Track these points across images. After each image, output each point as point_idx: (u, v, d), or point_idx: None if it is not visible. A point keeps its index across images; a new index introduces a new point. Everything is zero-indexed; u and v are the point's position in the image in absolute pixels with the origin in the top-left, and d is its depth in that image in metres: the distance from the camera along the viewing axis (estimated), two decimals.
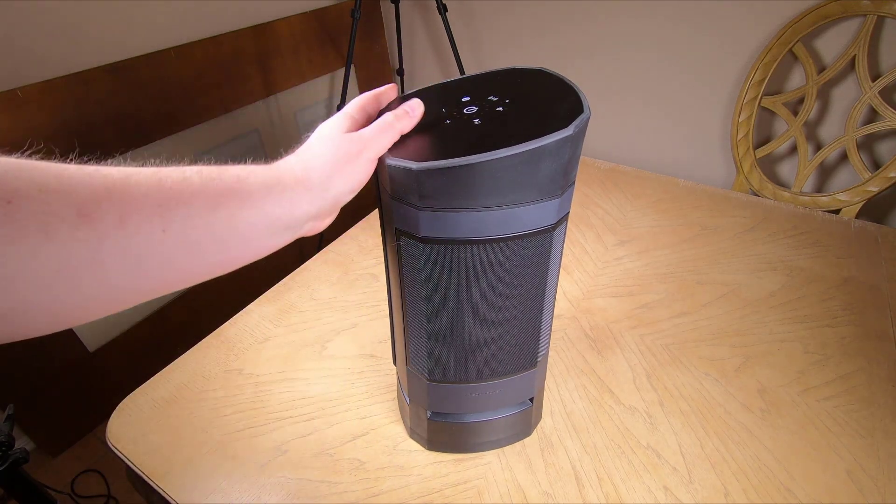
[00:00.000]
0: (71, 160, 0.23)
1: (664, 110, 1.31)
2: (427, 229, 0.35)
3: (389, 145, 0.34)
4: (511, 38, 1.45)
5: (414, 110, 0.35)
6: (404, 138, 0.35)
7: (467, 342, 0.42)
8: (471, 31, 1.51)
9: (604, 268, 0.77)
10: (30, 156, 0.22)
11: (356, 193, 0.34)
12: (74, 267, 0.22)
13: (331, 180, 0.32)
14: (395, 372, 0.60)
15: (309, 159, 0.32)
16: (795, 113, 1.10)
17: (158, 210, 0.24)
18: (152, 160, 0.27)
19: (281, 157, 0.33)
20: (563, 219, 0.37)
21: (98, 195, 0.22)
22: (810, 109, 1.07)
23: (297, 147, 0.34)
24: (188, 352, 0.65)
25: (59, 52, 0.98)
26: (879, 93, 0.99)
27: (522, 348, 0.44)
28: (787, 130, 1.11)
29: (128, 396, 0.60)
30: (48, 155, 0.23)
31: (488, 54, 1.53)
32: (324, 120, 0.35)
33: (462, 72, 1.45)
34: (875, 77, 1.00)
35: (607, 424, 0.55)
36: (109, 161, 0.25)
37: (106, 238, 0.22)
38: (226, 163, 0.29)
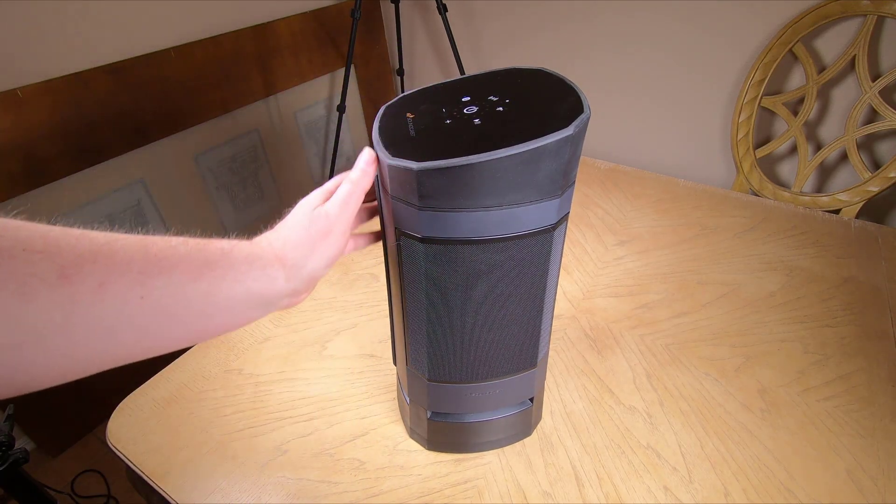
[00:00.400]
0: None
1: (664, 110, 1.31)
2: (427, 229, 0.35)
3: (355, 213, 0.36)
4: (511, 38, 1.45)
5: (368, 164, 0.36)
6: (405, 138, 0.35)
7: (467, 342, 0.42)
8: (471, 31, 1.51)
9: (604, 268, 0.77)
10: (15, 216, 0.22)
11: (332, 267, 0.35)
12: (49, 328, 0.21)
13: (306, 259, 0.33)
14: (395, 372, 0.60)
15: (286, 236, 0.33)
16: (795, 113, 1.10)
17: (140, 277, 0.24)
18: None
19: (273, 225, 0.33)
20: (563, 219, 0.37)
21: (82, 258, 0.22)
22: (810, 109, 1.07)
23: (279, 221, 0.35)
24: (188, 352, 0.65)
25: (59, 52, 0.98)
26: (879, 93, 0.99)
27: (522, 348, 0.44)
28: (787, 130, 1.11)
29: (128, 396, 0.60)
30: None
31: (488, 54, 1.53)
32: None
33: (462, 72, 1.45)
34: (875, 77, 1.00)
35: (607, 424, 0.55)
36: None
37: (83, 301, 0.22)
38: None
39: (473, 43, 1.53)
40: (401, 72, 1.61)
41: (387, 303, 0.48)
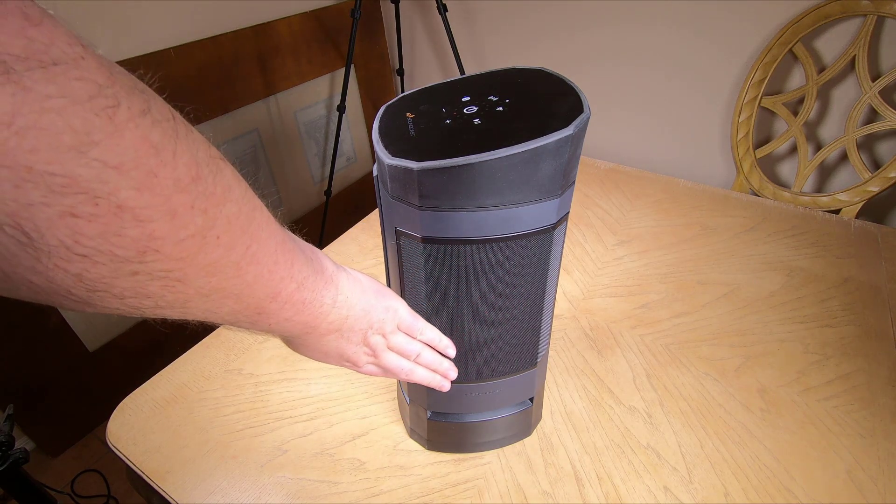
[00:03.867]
0: None
1: (664, 110, 1.31)
2: (427, 229, 0.35)
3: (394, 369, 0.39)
4: (511, 38, 1.45)
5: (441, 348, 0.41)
6: (405, 138, 0.35)
7: (467, 342, 0.42)
8: (471, 31, 1.51)
9: (604, 268, 0.77)
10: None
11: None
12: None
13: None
14: None
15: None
16: (795, 113, 1.10)
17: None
18: None
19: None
20: (563, 219, 0.37)
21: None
22: (810, 109, 1.07)
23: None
24: (188, 352, 0.65)
25: None
26: (879, 93, 0.99)
27: (522, 348, 0.44)
28: (787, 130, 1.11)
29: (128, 396, 0.60)
30: None
31: (488, 54, 1.53)
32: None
33: (462, 72, 1.45)
34: (875, 77, 1.00)
35: (607, 424, 0.55)
36: None
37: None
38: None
39: (473, 43, 1.53)
40: (401, 72, 1.60)
41: None
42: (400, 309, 0.38)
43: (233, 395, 0.59)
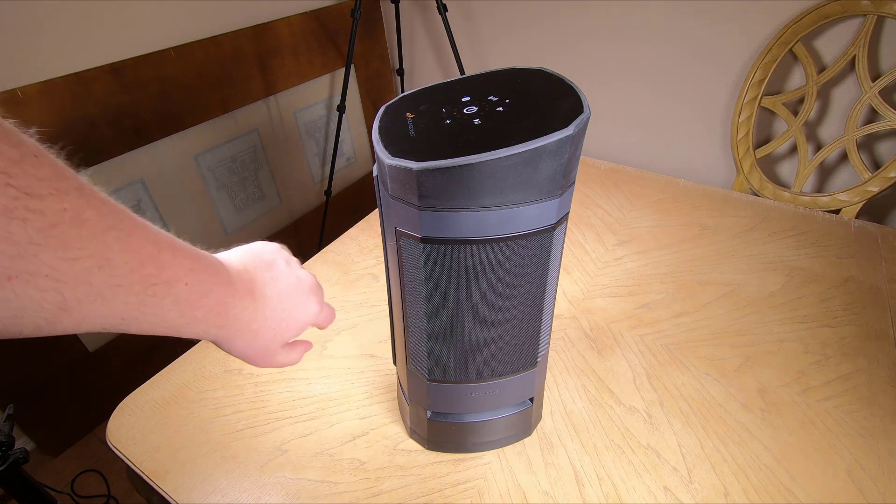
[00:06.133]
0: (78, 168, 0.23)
1: (664, 110, 1.31)
2: (427, 229, 0.35)
3: (314, 309, 0.40)
4: (511, 39, 1.45)
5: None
6: (405, 138, 0.35)
7: (467, 342, 0.42)
8: (471, 31, 1.51)
9: (604, 268, 0.77)
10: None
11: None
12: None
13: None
14: (395, 372, 0.60)
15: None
16: (795, 113, 1.10)
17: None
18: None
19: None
20: (563, 219, 0.37)
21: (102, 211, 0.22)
22: (810, 109, 1.07)
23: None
24: (188, 352, 0.65)
25: (59, 52, 0.98)
26: (879, 93, 0.99)
27: (522, 348, 0.44)
28: (787, 130, 1.11)
29: (128, 396, 0.60)
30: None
31: (488, 54, 1.53)
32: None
33: (462, 72, 1.45)
34: (875, 77, 1.00)
35: (607, 424, 0.55)
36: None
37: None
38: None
39: (473, 43, 1.53)
40: (401, 72, 1.61)
41: (387, 303, 0.48)
42: (313, 306, 0.39)
43: (233, 395, 0.59)
